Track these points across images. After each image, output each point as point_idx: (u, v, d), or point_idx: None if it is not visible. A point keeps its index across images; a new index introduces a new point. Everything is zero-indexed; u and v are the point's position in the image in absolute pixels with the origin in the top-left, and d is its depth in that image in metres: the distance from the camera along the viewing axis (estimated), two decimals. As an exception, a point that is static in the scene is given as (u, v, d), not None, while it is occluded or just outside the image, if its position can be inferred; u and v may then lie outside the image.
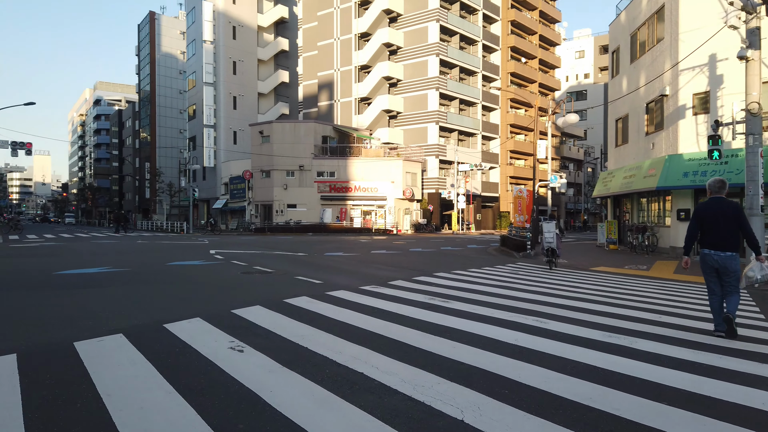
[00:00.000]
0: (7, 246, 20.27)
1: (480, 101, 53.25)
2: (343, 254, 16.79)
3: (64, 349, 4.68)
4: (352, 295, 8.00)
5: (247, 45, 55.94)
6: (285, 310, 6.63)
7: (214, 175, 54.21)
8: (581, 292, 9.02)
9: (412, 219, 43.33)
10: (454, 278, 10.69)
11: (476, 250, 20.57)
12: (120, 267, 11.61)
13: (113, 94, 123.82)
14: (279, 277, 10.19)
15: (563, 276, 11.89)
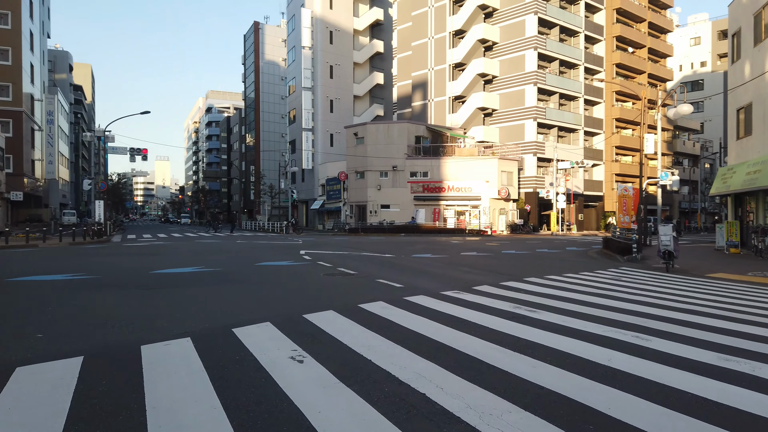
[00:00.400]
0: (121, 245, 21.87)
1: (582, 95, 50.52)
2: (431, 256, 16.34)
3: (129, 353, 4.66)
4: (431, 301, 7.55)
5: (343, 49, 57.02)
6: (357, 316, 6.32)
7: (312, 177, 55.78)
8: (694, 303, 7.95)
9: (508, 219, 41.91)
10: (546, 284, 9.91)
11: (575, 253, 19.29)
12: (212, 267, 11.95)
13: (223, 101, 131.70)
14: (360, 280, 9.95)
15: (674, 283, 10.67)
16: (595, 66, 51.80)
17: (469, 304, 7.36)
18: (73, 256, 15.13)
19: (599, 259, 17.13)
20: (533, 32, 46.44)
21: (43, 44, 57.38)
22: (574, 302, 7.77)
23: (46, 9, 60.59)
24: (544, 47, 47.07)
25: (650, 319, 6.58)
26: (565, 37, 50.50)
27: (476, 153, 43.12)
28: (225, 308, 6.86)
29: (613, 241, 18.79)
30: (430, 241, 27.15)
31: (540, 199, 45.00)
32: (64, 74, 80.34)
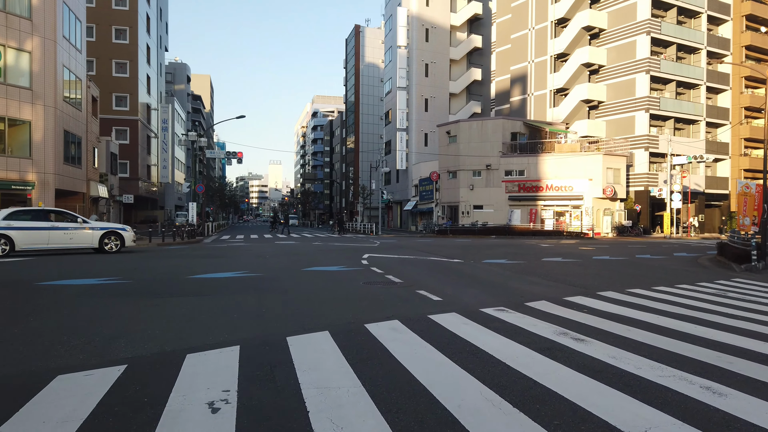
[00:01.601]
0: (204, 247, 22.26)
1: (704, 82, 45.26)
2: (505, 262, 14.66)
3: (40, 382, 3.85)
4: (457, 322, 6.17)
5: (440, 46, 55.69)
6: (353, 342, 5.14)
7: (406, 178, 55.01)
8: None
9: (614, 221, 38.30)
10: (622, 301, 8.09)
11: (683, 260, 16.62)
12: (257, 272, 11.29)
13: (327, 105, 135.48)
14: (398, 290, 8.73)
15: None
16: (720, 49, 46.19)
17: (503, 327, 5.90)
18: (137, 258, 15.31)
19: (710, 268, 14.49)
20: (646, 15, 42.27)
21: (160, 57, 61.67)
22: (645, 327, 6.03)
23: (164, 24, 65.15)
24: (659, 31, 42.66)
25: (751, 361, 4.77)
26: (683, 19, 45.57)
27: (578, 149, 39.96)
28: (215, 323, 5.99)
29: (728, 246, 15.92)
30: (517, 244, 25.12)
31: (652, 198, 40.78)
32: (183, 85, 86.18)
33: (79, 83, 28.68)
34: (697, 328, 6.05)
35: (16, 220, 15.77)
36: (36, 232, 16.02)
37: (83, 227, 17.00)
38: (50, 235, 16.30)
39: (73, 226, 16.86)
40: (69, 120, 26.64)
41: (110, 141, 36.26)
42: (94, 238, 17.13)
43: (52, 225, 16.56)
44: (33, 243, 15.95)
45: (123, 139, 46.78)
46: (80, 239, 16.89)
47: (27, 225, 15.96)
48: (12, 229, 15.48)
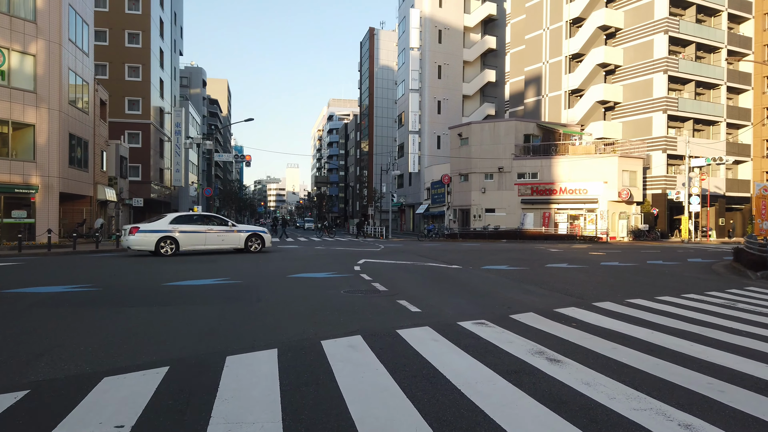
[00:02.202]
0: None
1: (724, 82, 44.01)
2: (506, 268, 14.04)
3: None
4: (430, 338, 5.63)
5: (453, 47, 55.06)
6: (299, 362, 4.65)
7: (419, 181, 54.44)
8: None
9: (630, 224, 37.27)
10: (618, 313, 7.46)
11: (695, 267, 15.81)
12: (238, 278, 10.85)
13: (343, 109, 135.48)
14: (378, 300, 8.21)
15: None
16: (742, 48, 44.90)
17: (474, 345, 5.34)
18: (125, 262, 15.02)
19: (724, 275, 13.70)
20: (663, 14, 41.24)
21: (174, 61, 61.97)
22: (635, 345, 5.42)
23: (178, 28, 65.51)
24: (677, 30, 41.58)
25: (746, 389, 4.15)
26: (703, 18, 44.40)
27: (593, 151, 39.02)
28: (157, 338, 5.55)
29: (744, 252, 15.09)
30: (525, 249, 24.37)
31: (669, 201, 39.66)
32: (198, 89, 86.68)
33: (86, 87, 28.68)
34: (694, 347, 5.42)
35: (180, 224, 18.07)
36: (196, 235, 18.25)
37: (232, 230, 19.09)
38: (207, 237, 18.47)
39: (225, 229, 18.95)
40: (75, 123, 26.61)
41: (120, 144, 36.31)
42: (241, 239, 19.10)
43: (208, 228, 18.62)
44: (193, 244, 18.19)
45: (135, 143, 46.95)
46: (230, 241, 18.94)
47: (189, 228, 18.21)
48: (178, 232, 17.84)
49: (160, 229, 17.72)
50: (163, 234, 17.64)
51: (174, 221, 18.08)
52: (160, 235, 17.61)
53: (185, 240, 17.95)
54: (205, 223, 18.86)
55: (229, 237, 18.90)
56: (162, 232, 17.66)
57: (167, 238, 17.64)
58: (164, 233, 17.64)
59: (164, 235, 17.65)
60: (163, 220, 18.12)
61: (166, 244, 17.58)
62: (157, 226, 17.78)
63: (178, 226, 17.95)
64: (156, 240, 17.50)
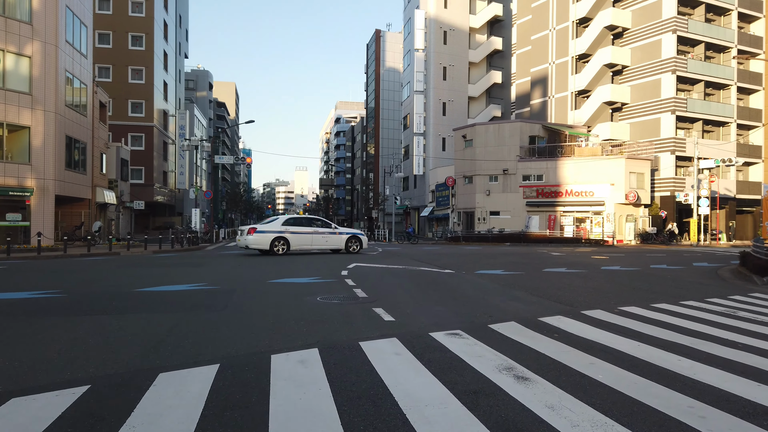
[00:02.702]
0: (198, 254, 21.63)
1: (734, 82, 43.20)
2: (501, 273, 13.54)
3: None
4: (392, 351, 5.18)
5: (458, 49, 54.57)
6: (237, 380, 4.23)
7: (424, 183, 53.95)
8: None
9: (637, 227, 36.55)
10: (605, 323, 6.97)
11: (700, 272, 15.23)
12: (216, 284, 10.46)
13: (350, 111, 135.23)
14: (352, 308, 7.76)
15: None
16: (753, 48, 44.06)
17: (439, 360, 4.88)
18: (107, 267, 14.70)
19: (729, 280, 13.12)
20: (671, 13, 40.57)
21: (179, 64, 62.00)
22: (615, 360, 4.94)
23: (183, 31, 65.55)
24: (685, 29, 40.87)
25: (731, 414, 3.67)
26: (712, 17, 43.65)
27: (600, 152, 38.38)
28: (84, 354, 5.15)
29: (750, 256, 14.49)
30: (526, 252, 23.80)
31: (678, 203, 38.89)
32: (204, 92, 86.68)
33: (84, 89, 28.52)
34: (681, 362, 4.92)
35: (290, 226, 19.66)
36: (304, 236, 19.76)
37: (335, 232, 20.46)
38: (313, 238, 19.92)
39: (329, 231, 20.35)
40: (72, 125, 26.43)
41: (121, 147, 36.17)
42: (342, 241, 20.45)
43: (314, 230, 20.05)
44: (302, 245, 19.74)
45: (138, 146, 46.90)
46: (333, 242, 20.31)
47: (298, 230, 19.71)
48: (289, 233, 19.39)
49: (274, 230, 19.29)
50: (276, 234, 19.19)
51: (285, 223, 19.74)
52: (274, 235, 19.15)
53: (295, 240, 19.51)
54: (312, 226, 20.26)
55: (332, 239, 20.31)
56: (276, 232, 19.21)
57: (280, 239, 19.20)
58: (277, 234, 19.19)
59: (278, 235, 19.20)
60: (275, 222, 19.80)
61: (279, 243, 19.14)
62: (271, 228, 19.38)
63: (289, 227, 19.55)
64: (271, 240, 19.03)
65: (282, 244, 19.15)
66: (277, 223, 19.71)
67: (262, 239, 18.95)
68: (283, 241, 19.20)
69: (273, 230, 19.23)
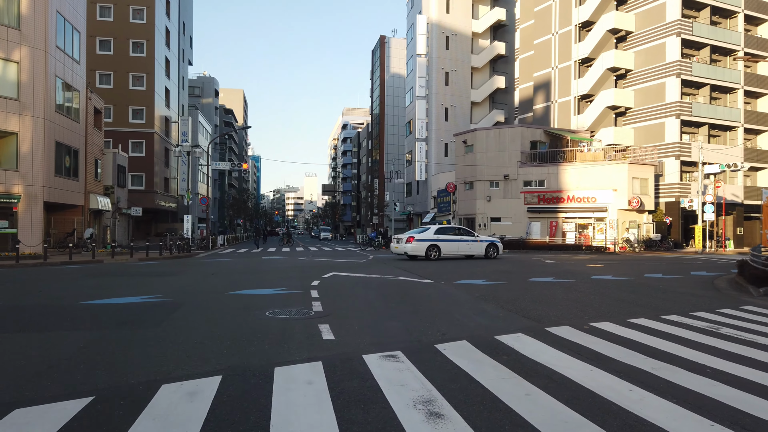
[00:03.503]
0: (182, 262, 21.18)
1: (741, 86, 42.26)
2: (483, 283, 12.94)
3: None
4: (303, 379, 4.63)
5: (461, 54, 54.03)
6: (86, 423, 3.70)
7: (426, 189, 53.35)
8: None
9: (641, 234, 35.68)
10: (567, 342, 6.36)
11: (696, 281, 14.52)
12: (171, 296, 9.96)
13: (357, 117, 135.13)
14: (296, 324, 7.21)
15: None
16: (760, 50, 43.13)
17: (349, 390, 4.33)
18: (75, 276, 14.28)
19: (724, 290, 12.42)
20: (676, 16, 39.78)
21: (183, 71, 61.97)
22: (556, 391, 4.36)
23: (187, 38, 65.59)
24: (690, 32, 40.07)
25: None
26: (718, 19, 42.82)
27: (602, 157, 37.58)
28: None
29: (748, 265, 13.77)
30: (519, 260, 23.09)
31: (683, 209, 37.96)
32: (210, 98, 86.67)
33: (77, 94, 28.29)
34: (632, 392, 4.32)
35: (441, 234, 22.01)
36: (452, 243, 22.12)
37: (477, 240, 22.84)
38: (459, 245, 22.29)
39: (471, 239, 22.75)
40: (62, 131, 26.17)
41: (117, 153, 35.95)
42: (482, 248, 22.73)
43: (460, 238, 22.47)
44: (451, 251, 22.04)
45: (139, 152, 46.75)
46: (475, 249, 22.56)
47: (448, 238, 22.04)
48: (440, 241, 21.74)
49: (428, 238, 21.64)
50: (430, 243, 21.56)
51: (436, 233, 22.05)
52: (428, 243, 21.52)
53: (445, 248, 21.84)
54: (458, 235, 22.63)
55: (474, 246, 22.62)
56: (430, 241, 21.55)
57: (434, 246, 21.55)
58: (431, 242, 21.54)
59: (431, 243, 21.56)
60: (428, 232, 22.14)
61: (433, 251, 21.43)
62: (425, 236, 21.75)
63: (440, 236, 21.86)
64: (426, 247, 21.44)
65: (435, 251, 21.42)
66: (429, 232, 21.97)
67: (419, 247, 21.38)
68: (436, 248, 21.49)
69: (427, 239, 21.55)
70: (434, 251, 21.42)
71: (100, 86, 45.32)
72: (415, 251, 21.38)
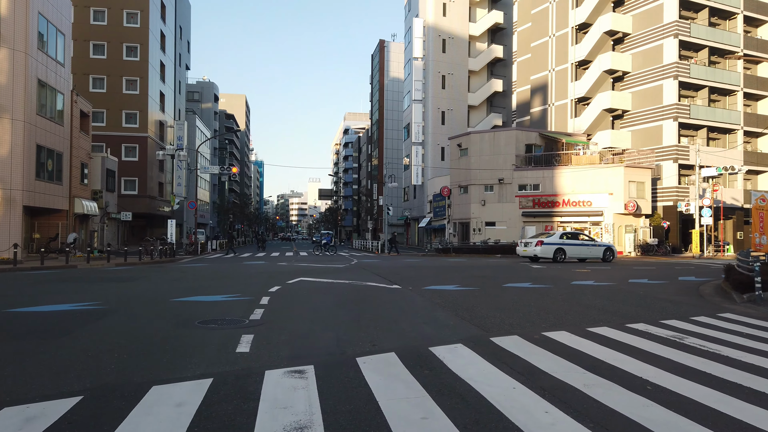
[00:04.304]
0: (156, 268, 20.72)
1: (740, 88, 41.58)
2: (454, 289, 12.37)
3: None
4: (176, 401, 4.09)
5: (458, 57, 53.58)
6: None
7: (422, 194, 52.81)
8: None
9: (637, 238, 34.98)
10: (509, 355, 5.80)
11: (681, 287, 13.90)
12: (111, 303, 9.43)
13: (359, 122, 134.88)
14: (217, 336, 6.67)
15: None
16: (760, 52, 42.44)
17: (213, 417, 3.79)
18: (29, 283, 13.81)
19: (708, 297, 11.80)
20: (673, 17, 39.22)
21: (180, 75, 61.71)
22: (464, 412, 3.81)
23: (185, 42, 65.42)
24: (688, 33, 39.47)
25: None
26: (717, 21, 42.20)
27: (598, 161, 36.96)
28: None
29: (734, 271, 13.14)
30: (505, 265, 22.46)
31: (681, 213, 37.24)
32: (210, 103, 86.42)
33: (61, 97, 27.93)
34: (548, 414, 3.75)
35: (566, 239, 24.51)
36: (575, 247, 24.53)
37: (595, 245, 25.33)
38: (581, 249, 24.57)
39: (591, 244, 25.28)
40: (44, 134, 25.78)
41: (107, 157, 35.57)
42: (600, 251, 24.67)
43: (582, 242, 24.97)
44: (574, 254, 24.34)
45: (132, 156, 46.46)
46: (594, 252, 24.64)
47: (571, 242, 24.54)
48: (565, 245, 24.15)
49: (555, 242, 24.04)
50: (557, 246, 23.89)
51: (561, 237, 24.54)
52: (555, 246, 23.82)
53: (570, 251, 24.12)
54: (579, 239, 25.16)
55: (594, 249, 24.81)
56: (557, 244, 23.90)
57: (560, 250, 23.81)
58: (558, 245, 23.86)
59: (558, 247, 23.87)
60: (554, 236, 24.64)
61: (560, 254, 23.69)
62: (552, 240, 24.15)
63: (565, 241, 24.33)
64: (554, 250, 23.74)
65: (561, 254, 23.65)
66: (555, 237, 24.44)
67: (548, 250, 23.68)
68: (562, 251, 23.74)
69: (554, 243, 23.88)
70: (561, 254, 23.63)
71: (94, 90, 45.09)
72: (544, 254, 23.72)
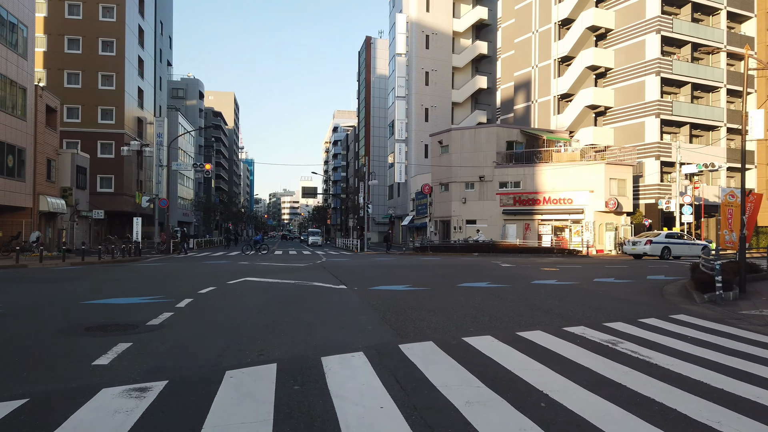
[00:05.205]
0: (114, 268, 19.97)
1: (723, 84, 41.23)
2: (403, 289, 11.73)
3: None
4: None
5: (441, 53, 52.96)
6: None
7: (406, 191, 52.19)
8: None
9: (618, 237, 34.50)
10: (408, 365, 5.17)
11: (645, 287, 13.35)
12: (8, 307, 8.74)
13: (348, 120, 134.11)
14: (91, 343, 6.02)
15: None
16: (743, 49, 41.93)
17: None
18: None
19: (669, 297, 11.23)
20: (655, 12, 38.79)
21: (160, 71, 60.69)
22: None
23: (166, 38, 64.45)
24: (670, 29, 39.04)
25: None
26: (700, 17, 41.80)
27: (579, 158, 36.42)
28: None
29: (697, 269, 12.59)
30: (472, 264, 21.87)
31: (662, 211, 36.80)
32: (194, 100, 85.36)
33: (23, 91, 27.08)
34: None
35: (670, 239, 27.38)
36: (679, 246, 27.31)
37: (693, 243, 27.81)
38: (683, 248, 27.23)
39: (692, 243, 27.98)
40: (3, 129, 24.94)
41: (76, 154, 34.70)
42: (697, 249, 25.18)
43: (683, 242, 27.89)
44: (678, 252, 26.89)
45: (108, 153, 45.49)
46: (694, 251, 26.39)
47: (675, 241, 27.45)
48: (671, 244, 27.02)
49: (662, 241, 26.95)
50: (664, 245, 26.79)
51: (666, 237, 27.46)
52: (662, 245, 26.71)
53: (674, 249, 26.98)
54: (681, 239, 28.12)
55: (694, 248, 26.79)
56: (663, 243, 26.81)
57: (666, 248, 26.70)
58: (665, 244, 26.78)
59: (665, 245, 26.76)
60: (660, 236, 27.48)
61: (666, 252, 26.53)
62: (659, 240, 27.00)
63: (669, 240, 27.27)
64: (661, 248, 26.62)
65: (667, 252, 26.52)
66: (662, 237, 27.26)
67: (656, 248, 26.50)
68: (668, 249, 26.65)
69: (662, 242, 26.80)
70: (667, 252, 26.41)
71: (68, 86, 44.11)
72: (652, 251, 26.38)
